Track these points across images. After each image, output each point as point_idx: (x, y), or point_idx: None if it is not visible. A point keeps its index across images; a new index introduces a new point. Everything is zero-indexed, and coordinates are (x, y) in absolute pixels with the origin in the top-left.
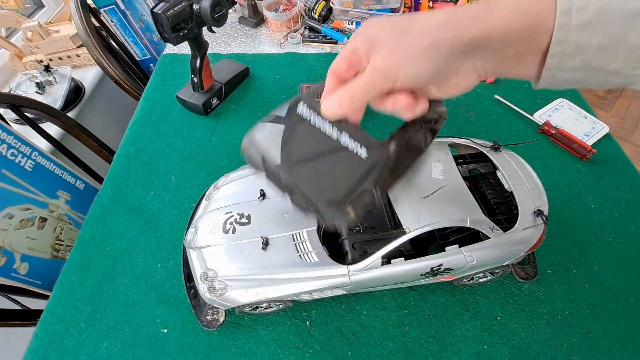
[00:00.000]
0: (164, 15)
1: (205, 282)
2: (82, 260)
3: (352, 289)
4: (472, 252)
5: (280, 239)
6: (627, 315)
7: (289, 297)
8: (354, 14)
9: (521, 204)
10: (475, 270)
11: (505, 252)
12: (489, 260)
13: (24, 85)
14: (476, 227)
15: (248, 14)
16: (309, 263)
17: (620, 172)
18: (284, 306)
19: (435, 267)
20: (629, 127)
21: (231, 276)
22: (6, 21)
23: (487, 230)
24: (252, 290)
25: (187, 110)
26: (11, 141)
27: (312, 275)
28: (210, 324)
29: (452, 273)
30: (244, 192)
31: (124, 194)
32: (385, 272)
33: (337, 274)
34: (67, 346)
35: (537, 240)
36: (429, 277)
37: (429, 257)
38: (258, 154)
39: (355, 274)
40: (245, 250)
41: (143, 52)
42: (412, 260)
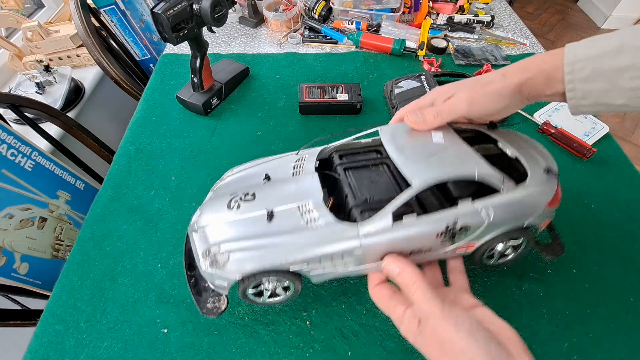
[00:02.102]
0: (164, 15)
1: (207, 258)
2: (82, 260)
3: (364, 256)
4: (487, 205)
5: (286, 210)
6: (627, 314)
7: (296, 265)
8: (354, 14)
9: (529, 165)
10: (494, 232)
11: (521, 207)
12: (506, 216)
13: (24, 85)
14: (485, 179)
15: (248, 14)
16: (316, 227)
17: (620, 172)
18: (291, 292)
19: (451, 225)
20: (629, 126)
21: (235, 246)
22: (6, 21)
23: (498, 182)
24: (256, 254)
25: (187, 110)
26: (11, 141)
27: (320, 236)
28: (210, 312)
29: (470, 236)
30: (249, 178)
31: (124, 194)
32: (398, 234)
33: (346, 234)
34: (67, 346)
35: (554, 195)
36: (447, 241)
37: (442, 212)
38: None
39: (366, 237)
40: (249, 222)
41: (143, 52)
42: (424, 216)
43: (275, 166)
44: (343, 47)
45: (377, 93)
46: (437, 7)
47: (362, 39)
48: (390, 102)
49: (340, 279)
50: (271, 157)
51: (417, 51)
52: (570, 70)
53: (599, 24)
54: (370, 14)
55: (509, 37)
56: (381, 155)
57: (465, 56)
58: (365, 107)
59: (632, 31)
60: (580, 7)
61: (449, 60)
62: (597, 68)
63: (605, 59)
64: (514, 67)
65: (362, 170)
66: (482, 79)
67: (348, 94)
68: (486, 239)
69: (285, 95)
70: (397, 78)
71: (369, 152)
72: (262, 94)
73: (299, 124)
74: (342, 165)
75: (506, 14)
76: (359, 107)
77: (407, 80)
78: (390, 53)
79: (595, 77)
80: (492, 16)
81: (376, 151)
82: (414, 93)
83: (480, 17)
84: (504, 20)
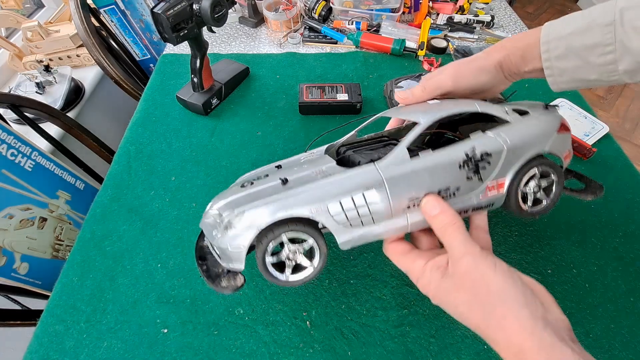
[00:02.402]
0: (164, 15)
1: (221, 226)
2: (82, 260)
3: (389, 190)
4: (498, 132)
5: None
6: (627, 315)
7: (318, 209)
8: (353, 14)
9: (528, 107)
10: (518, 161)
11: (532, 131)
12: (522, 140)
13: (24, 85)
14: (488, 111)
15: (248, 14)
16: (335, 176)
17: (620, 172)
18: (317, 261)
19: (470, 152)
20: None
21: (249, 205)
22: (6, 21)
23: (502, 113)
24: (273, 205)
25: (187, 110)
26: (11, 141)
27: (340, 180)
28: (225, 289)
29: (495, 169)
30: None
31: (124, 194)
32: (418, 167)
33: (366, 172)
34: (67, 346)
35: (561, 121)
36: (473, 176)
37: (457, 143)
38: None
39: (386, 171)
40: (263, 190)
41: (143, 52)
42: (440, 149)
43: (285, 161)
44: (343, 47)
45: (377, 93)
46: (437, 7)
47: (362, 39)
48: (390, 102)
49: (342, 279)
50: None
51: (417, 51)
52: (546, 49)
53: None
54: (370, 14)
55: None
56: (387, 139)
57: (465, 56)
58: (365, 107)
59: (602, 8)
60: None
61: (449, 60)
62: (569, 46)
63: (576, 37)
64: (496, 46)
65: (371, 150)
66: (470, 57)
67: (348, 94)
68: (514, 171)
69: (285, 95)
70: (397, 78)
71: (374, 143)
72: (262, 94)
73: (299, 124)
74: (351, 150)
75: (506, 14)
76: (359, 107)
77: (407, 80)
78: (390, 53)
79: (568, 55)
80: (492, 16)
81: (381, 141)
82: None
83: (480, 17)
84: (504, 21)
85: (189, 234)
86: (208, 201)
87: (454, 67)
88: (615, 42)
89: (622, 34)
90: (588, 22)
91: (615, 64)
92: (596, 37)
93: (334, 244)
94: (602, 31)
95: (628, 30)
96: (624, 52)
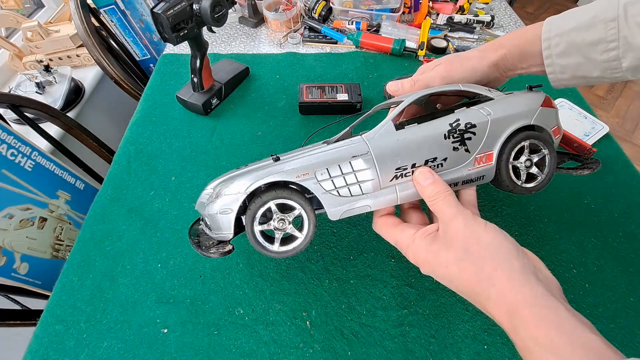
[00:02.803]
0: (164, 15)
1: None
2: (82, 260)
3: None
4: (482, 106)
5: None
6: (627, 315)
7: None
8: (354, 14)
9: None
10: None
11: (516, 105)
12: (506, 113)
13: (24, 85)
14: (471, 90)
15: (248, 14)
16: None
17: (620, 172)
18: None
19: (454, 123)
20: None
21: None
22: (6, 21)
23: (485, 92)
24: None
25: (187, 110)
26: (11, 141)
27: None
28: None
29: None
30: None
31: (124, 194)
32: (404, 138)
33: (353, 143)
34: (67, 346)
35: (545, 98)
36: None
37: (441, 117)
38: None
39: (372, 141)
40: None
41: (143, 52)
42: (425, 123)
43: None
44: (343, 47)
45: (377, 93)
46: (437, 7)
47: (362, 39)
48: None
49: (342, 279)
50: None
51: (417, 51)
52: (547, 46)
53: None
54: (370, 14)
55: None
56: None
57: None
58: (365, 107)
59: (605, 4)
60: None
61: None
62: (571, 42)
63: (578, 33)
64: (491, 44)
65: None
66: (464, 54)
67: (348, 94)
68: (500, 142)
69: (285, 95)
70: (397, 78)
71: None
72: (262, 94)
73: (299, 124)
74: None
75: (506, 14)
76: (359, 107)
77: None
78: (390, 53)
79: (570, 52)
80: (492, 16)
81: None
82: None
83: (480, 17)
84: (504, 21)
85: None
86: None
87: (446, 65)
88: (619, 39)
89: (626, 30)
90: (590, 17)
91: (619, 61)
92: (599, 33)
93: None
94: (605, 27)
95: (632, 26)
96: (627, 48)
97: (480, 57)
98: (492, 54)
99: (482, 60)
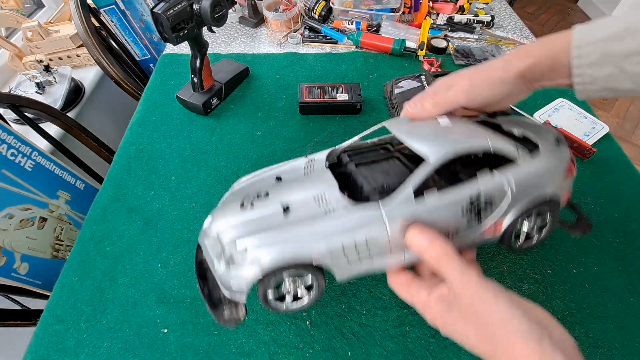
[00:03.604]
0: (164, 15)
1: (222, 258)
2: (82, 260)
3: (389, 240)
4: (506, 174)
5: (302, 202)
6: (627, 315)
7: (320, 255)
8: (354, 14)
9: (538, 139)
10: (518, 205)
11: (540, 175)
12: (527, 185)
13: (24, 85)
14: (500, 149)
15: (248, 14)
16: (335, 214)
17: (620, 172)
18: (314, 292)
19: (474, 198)
20: (629, 127)
21: (252, 242)
22: (6, 21)
23: (513, 152)
24: (276, 247)
25: (187, 110)
26: (11, 141)
27: (341, 222)
28: (228, 322)
29: (496, 212)
30: (259, 182)
31: (124, 194)
32: (421, 209)
33: (368, 215)
34: (67, 346)
35: (569, 161)
36: (474, 219)
37: (463, 186)
38: None
39: (389, 214)
40: (265, 217)
41: (143, 52)
42: (445, 190)
43: (285, 170)
44: (343, 47)
45: (377, 93)
46: (437, 7)
47: (362, 39)
48: (390, 102)
49: None
50: (280, 164)
51: (417, 51)
52: (578, 55)
53: None
54: (370, 14)
55: (509, 37)
56: (390, 150)
57: (465, 56)
58: (365, 107)
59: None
60: (580, 7)
61: (449, 61)
62: (604, 52)
63: (612, 43)
64: (517, 52)
65: (374, 164)
66: (484, 65)
67: (348, 94)
68: (514, 215)
69: (285, 95)
70: (397, 78)
71: (377, 150)
72: (262, 94)
73: (299, 124)
74: (353, 162)
75: (506, 14)
76: (359, 107)
77: (407, 80)
78: (390, 53)
79: (602, 62)
80: (492, 16)
81: (384, 148)
82: (414, 93)
83: (480, 17)
84: (504, 21)
85: (189, 234)
86: (208, 201)
87: (468, 79)
88: None
89: None
90: (626, 26)
91: None
92: (634, 43)
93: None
94: None
95: None
96: None
97: (505, 67)
98: (518, 63)
99: (508, 70)
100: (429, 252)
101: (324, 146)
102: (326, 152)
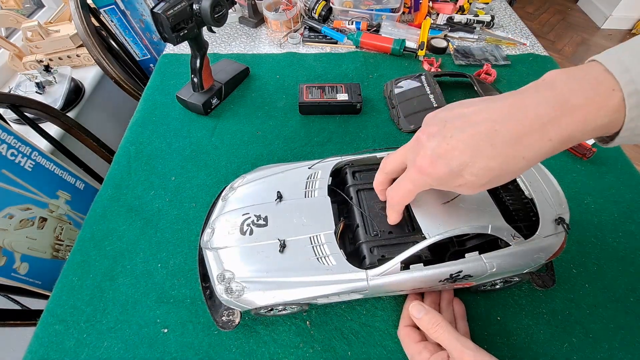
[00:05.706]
0: (164, 15)
1: (222, 284)
2: (82, 260)
3: (369, 294)
4: (493, 259)
5: (297, 241)
6: (627, 315)
7: (306, 300)
8: (354, 14)
9: (542, 211)
10: (494, 277)
11: (525, 260)
12: (509, 267)
13: (24, 85)
14: (497, 234)
15: (248, 14)
16: (327, 267)
17: (620, 172)
18: (299, 309)
19: (455, 274)
20: None
21: (248, 278)
22: (6, 21)
23: (508, 237)
24: (270, 293)
25: (187, 110)
26: (11, 141)
27: (330, 279)
28: (225, 325)
29: (471, 280)
30: (260, 194)
31: (124, 194)
32: (403, 278)
33: (355, 278)
34: (67, 346)
35: (557, 249)
36: (447, 283)
37: (448, 264)
38: None
39: (373, 279)
40: (262, 252)
41: (143, 52)
42: (430, 267)
43: (287, 182)
44: (343, 47)
45: (377, 93)
46: (437, 7)
47: (362, 39)
48: (390, 102)
49: None
50: (282, 168)
51: (417, 51)
52: (635, 116)
53: (599, 24)
54: (370, 14)
55: (509, 37)
56: None
57: (465, 56)
58: (365, 107)
59: None
60: (580, 7)
61: (449, 60)
62: None
63: None
64: (552, 107)
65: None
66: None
67: (348, 94)
68: (484, 282)
69: (285, 95)
70: (397, 78)
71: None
72: (262, 94)
73: (299, 124)
74: (355, 187)
75: (506, 14)
76: (359, 107)
77: (407, 80)
78: (390, 53)
79: None
80: (492, 16)
81: None
82: (414, 93)
83: (480, 17)
84: (504, 20)
85: (189, 234)
86: (208, 201)
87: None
88: None
89: None
90: None
91: None
92: None
93: None
94: None
95: None
96: None
97: (541, 134)
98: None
99: (544, 139)
100: (424, 320)
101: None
102: (330, 166)
